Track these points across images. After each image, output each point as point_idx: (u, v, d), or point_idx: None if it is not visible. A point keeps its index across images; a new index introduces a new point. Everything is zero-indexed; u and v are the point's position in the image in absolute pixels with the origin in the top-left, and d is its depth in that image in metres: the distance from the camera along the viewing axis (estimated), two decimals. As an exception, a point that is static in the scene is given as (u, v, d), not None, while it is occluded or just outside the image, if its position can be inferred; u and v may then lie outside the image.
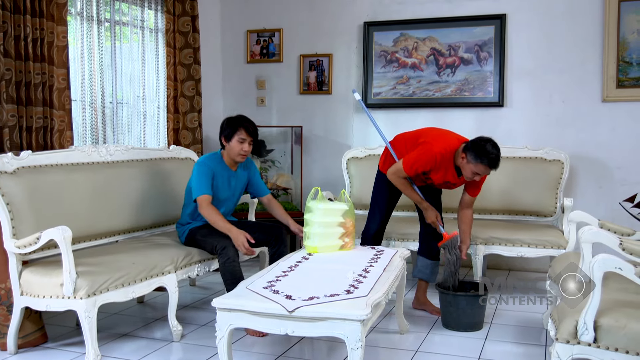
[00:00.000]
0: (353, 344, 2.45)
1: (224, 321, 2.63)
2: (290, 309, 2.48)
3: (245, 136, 3.82)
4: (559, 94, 5.06)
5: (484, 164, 3.50)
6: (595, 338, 2.35)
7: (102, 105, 4.69)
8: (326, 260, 3.37)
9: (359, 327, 2.45)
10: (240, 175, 4.00)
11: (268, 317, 2.56)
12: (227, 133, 3.85)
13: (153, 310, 4.18)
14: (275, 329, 2.57)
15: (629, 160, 4.87)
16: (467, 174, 3.58)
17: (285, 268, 3.17)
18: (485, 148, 3.49)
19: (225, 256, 3.63)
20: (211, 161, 3.85)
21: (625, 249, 2.47)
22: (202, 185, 3.73)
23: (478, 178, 3.61)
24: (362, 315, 2.43)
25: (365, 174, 5.10)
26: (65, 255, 3.03)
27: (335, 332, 2.48)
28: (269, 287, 2.78)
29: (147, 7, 5.13)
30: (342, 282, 2.85)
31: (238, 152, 3.84)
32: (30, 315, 3.38)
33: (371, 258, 3.43)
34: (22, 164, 3.39)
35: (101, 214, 3.77)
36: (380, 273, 3.09)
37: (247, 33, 5.96)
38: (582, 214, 3.45)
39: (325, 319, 2.48)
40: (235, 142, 3.82)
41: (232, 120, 3.88)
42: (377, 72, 5.52)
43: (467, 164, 3.55)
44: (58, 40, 4.03)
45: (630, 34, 4.79)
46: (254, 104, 5.99)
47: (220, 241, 3.67)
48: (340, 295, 2.63)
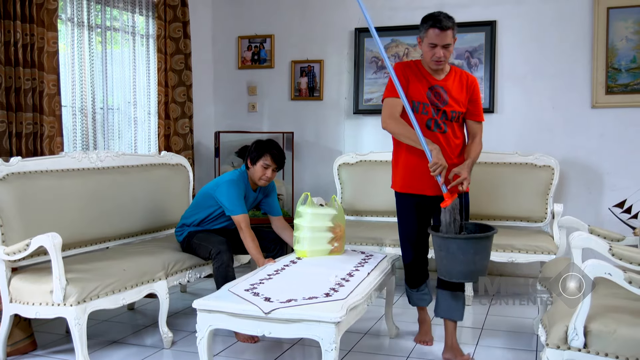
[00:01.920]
0: (327, 345, 2.51)
1: (204, 322, 2.70)
2: (267, 311, 2.55)
3: (271, 163, 3.83)
4: (549, 100, 5.09)
5: (429, 26, 3.15)
6: (586, 343, 2.35)
7: (93, 111, 4.68)
8: (313, 264, 3.40)
9: (333, 329, 2.50)
10: (258, 195, 4.05)
11: (245, 319, 2.62)
12: (254, 156, 3.85)
13: (143, 317, 4.16)
14: (253, 330, 2.64)
15: (618, 166, 4.90)
16: (428, 55, 3.19)
17: (271, 271, 3.22)
18: (427, 16, 3.21)
19: (220, 261, 3.65)
20: (241, 180, 3.87)
21: (615, 254, 2.49)
22: (238, 205, 3.76)
23: (439, 55, 3.14)
24: (336, 317, 2.48)
25: (356, 179, 5.12)
26: (55, 262, 3.01)
27: (309, 334, 2.54)
28: (251, 290, 2.84)
29: (138, 13, 5.12)
30: (324, 286, 2.90)
31: (260, 177, 3.86)
32: (20, 323, 3.35)
33: (358, 263, 3.46)
34: (12, 170, 3.37)
35: (91, 221, 3.75)
36: (363, 277, 3.13)
37: (239, 39, 5.96)
38: (572, 219, 3.48)
39: (300, 321, 2.54)
40: (259, 167, 3.84)
41: (261, 144, 3.88)
42: (369, 78, 5.54)
43: (423, 45, 3.21)
44: (48, 46, 4.01)
45: (619, 41, 4.82)
46: (245, 110, 5.98)
47: (215, 246, 3.70)
48: (319, 298, 2.68)
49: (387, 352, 3.47)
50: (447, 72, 3.31)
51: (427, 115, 3.24)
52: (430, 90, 3.24)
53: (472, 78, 3.36)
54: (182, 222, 3.99)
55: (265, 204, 4.12)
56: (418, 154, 3.20)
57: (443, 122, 3.25)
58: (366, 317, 4.01)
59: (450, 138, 3.28)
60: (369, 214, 5.08)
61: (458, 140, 3.34)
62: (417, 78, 3.27)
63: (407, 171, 3.35)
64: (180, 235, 3.96)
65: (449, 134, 3.28)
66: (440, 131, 3.26)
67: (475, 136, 3.36)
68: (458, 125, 3.33)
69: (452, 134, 3.29)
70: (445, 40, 3.14)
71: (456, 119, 3.28)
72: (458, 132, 3.34)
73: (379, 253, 3.82)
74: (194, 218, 3.94)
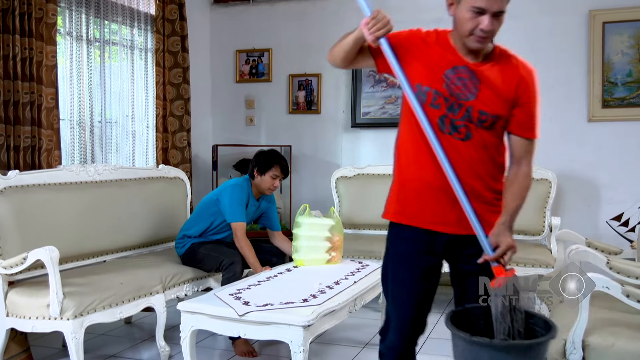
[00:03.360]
0: (296, 347, 2.63)
1: (187, 323, 2.87)
2: (241, 313, 2.70)
3: (279, 173, 3.96)
4: (545, 114, 5.05)
5: None
6: (584, 357, 2.35)
7: (91, 124, 4.68)
8: (306, 273, 3.48)
9: (302, 332, 2.62)
10: (261, 206, 4.10)
11: (223, 320, 2.79)
12: (262, 167, 3.94)
13: (141, 331, 4.15)
14: (230, 332, 2.82)
15: (615, 179, 4.91)
16: (466, 26, 2.01)
17: (263, 278, 3.32)
18: None
19: (232, 271, 3.67)
20: (244, 188, 3.94)
21: (612, 267, 2.49)
22: (239, 212, 3.83)
23: (486, 27, 1.98)
24: (304, 321, 2.61)
25: (354, 193, 5.12)
26: (52, 275, 3.00)
27: (280, 336, 2.69)
28: (235, 294, 2.96)
29: (136, 27, 5.14)
30: (305, 292, 2.99)
31: (268, 187, 3.96)
32: (16, 337, 3.34)
33: (350, 272, 3.51)
34: (10, 184, 3.37)
35: (89, 234, 3.75)
36: (348, 285, 3.19)
37: (237, 53, 5.99)
38: (569, 232, 3.49)
39: (271, 324, 2.68)
40: (268, 177, 3.93)
41: (268, 155, 3.99)
42: (366, 91, 5.56)
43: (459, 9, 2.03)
44: (47, 59, 4.02)
45: (614, 55, 4.86)
46: (243, 123, 6.00)
47: (228, 257, 3.73)
48: (295, 303, 2.80)
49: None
50: (488, 53, 2.13)
51: (438, 109, 2.08)
52: (453, 72, 2.08)
53: (529, 70, 2.20)
54: (183, 234, 3.98)
55: (266, 218, 4.15)
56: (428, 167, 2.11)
57: (465, 124, 2.09)
58: (367, 329, 4.01)
59: (477, 151, 2.12)
60: (367, 227, 5.07)
61: (499, 159, 2.20)
62: (433, 51, 2.11)
63: (405, 189, 2.19)
64: (182, 247, 3.94)
65: (474, 144, 2.10)
66: (460, 137, 2.09)
67: (520, 162, 2.23)
68: (492, 135, 2.14)
69: (480, 145, 2.11)
70: (498, 6, 1.98)
71: (488, 124, 2.10)
72: (492, 145, 2.15)
73: (374, 262, 3.84)
74: (196, 229, 3.93)
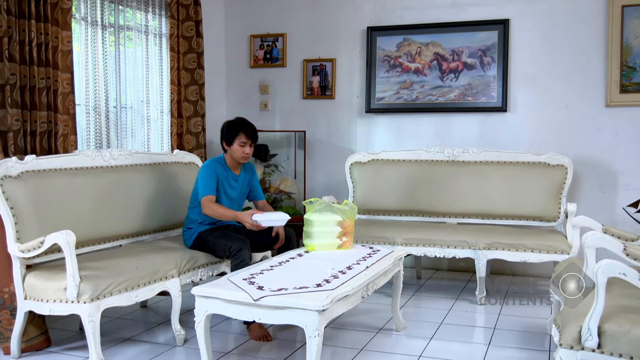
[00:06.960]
0: (311, 332, 2.63)
1: (201, 307, 2.88)
2: (256, 298, 2.70)
3: (246, 140, 3.93)
4: (562, 99, 5.06)
5: None
6: (599, 344, 2.34)
7: (106, 109, 4.70)
8: (318, 258, 3.48)
9: (317, 317, 2.62)
10: (244, 177, 4.10)
11: (237, 305, 2.79)
12: (228, 137, 3.95)
13: (156, 315, 4.19)
14: (244, 316, 2.81)
15: (633, 165, 4.86)
16: None
17: (275, 263, 3.33)
18: None
19: (240, 258, 3.66)
20: (215, 165, 3.93)
21: (629, 254, 2.47)
22: (207, 187, 3.83)
23: None
24: (319, 306, 2.61)
25: (368, 178, 5.11)
26: (68, 259, 3.03)
27: (295, 321, 2.69)
28: (248, 279, 2.97)
29: (151, 12, 5.14)
30: (318, 277, 3.00)
31: (241, 156, 3.94)
32: (34, 319, 3.38)
33: (362, 257, 3.52)
34: (26, 169, 3.40)
35: (105, 219, 3.77)
36: (360, 270, 3.19)
37: (251, 38, 5.97)
38: (585, 219, 3.45)
39: (286, 308, 2.68)
40: (236, 146, 3.92)
41: (232, 124, 3.98)
42: (381, 77, 5.52)
43: None
44: (62, 45, 4.04)
45: (634, 39, 4.78)
46: (257, 109, 6.00)
47: (235, 243, 3.71)
48: (309, 288, 2.80)
49: (397, 351, 3.46)
50: None
51: None
52: None
53: None
54: (187, 226, 3.99)
55: (250, 189, 4.19)
56: None
57: None
58: (379, 314, 4.02)
59: None
60: (381, 212, 5.07)
61: None
62: None
63: None
64: (189, 237, 3.93)
65: None
66: None
67: None
68: None
69: None
70: None
71: None
72: None
73: (384, 248, 3.84)
74: (195, 215, 3.95)
